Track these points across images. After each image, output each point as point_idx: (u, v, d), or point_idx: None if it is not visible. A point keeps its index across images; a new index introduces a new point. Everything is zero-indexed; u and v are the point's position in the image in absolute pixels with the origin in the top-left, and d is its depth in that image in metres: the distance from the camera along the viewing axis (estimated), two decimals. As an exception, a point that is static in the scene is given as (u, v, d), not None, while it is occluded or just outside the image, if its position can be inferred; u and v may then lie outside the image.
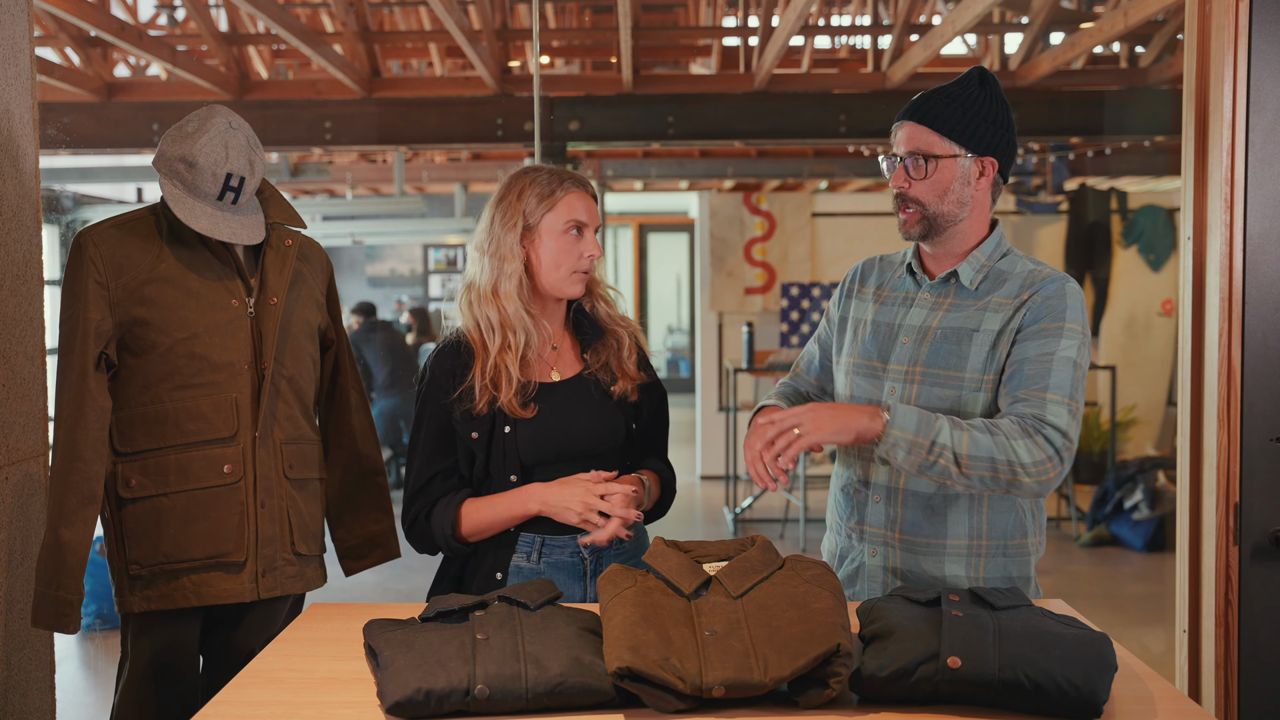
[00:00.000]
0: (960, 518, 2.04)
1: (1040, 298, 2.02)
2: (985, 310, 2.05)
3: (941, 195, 2.04)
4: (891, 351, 2.10)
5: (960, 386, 2.03)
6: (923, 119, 2.05)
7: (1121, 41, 6.70)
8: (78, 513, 2.19)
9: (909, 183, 2.05)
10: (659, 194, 12.86)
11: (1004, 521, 2.05)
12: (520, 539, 2.15)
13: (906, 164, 2.05)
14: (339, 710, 1.57)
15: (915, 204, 2.06)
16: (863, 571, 2.11)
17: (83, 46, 6.29)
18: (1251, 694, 2.44)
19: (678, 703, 1.51)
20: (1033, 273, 2.07)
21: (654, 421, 2.30)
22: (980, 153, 2.05)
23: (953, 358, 2.04)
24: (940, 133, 2.04)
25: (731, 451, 7.80)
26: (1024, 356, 1.99)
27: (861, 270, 2.26)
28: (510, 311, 2.14)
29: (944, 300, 2.10)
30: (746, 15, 6.74)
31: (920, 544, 2.05)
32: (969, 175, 2.06)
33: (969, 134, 2.04)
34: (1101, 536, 6.89)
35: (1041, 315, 2.00)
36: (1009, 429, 1.90)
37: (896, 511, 2.06)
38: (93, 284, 2.23)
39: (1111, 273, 8.99)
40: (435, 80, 7.48)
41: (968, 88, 2.06)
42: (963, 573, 2.04)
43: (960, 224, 2.07)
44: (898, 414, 1.89)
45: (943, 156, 2.03)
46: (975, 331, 2.04)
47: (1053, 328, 1.99)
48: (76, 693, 4.55)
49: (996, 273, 2.09)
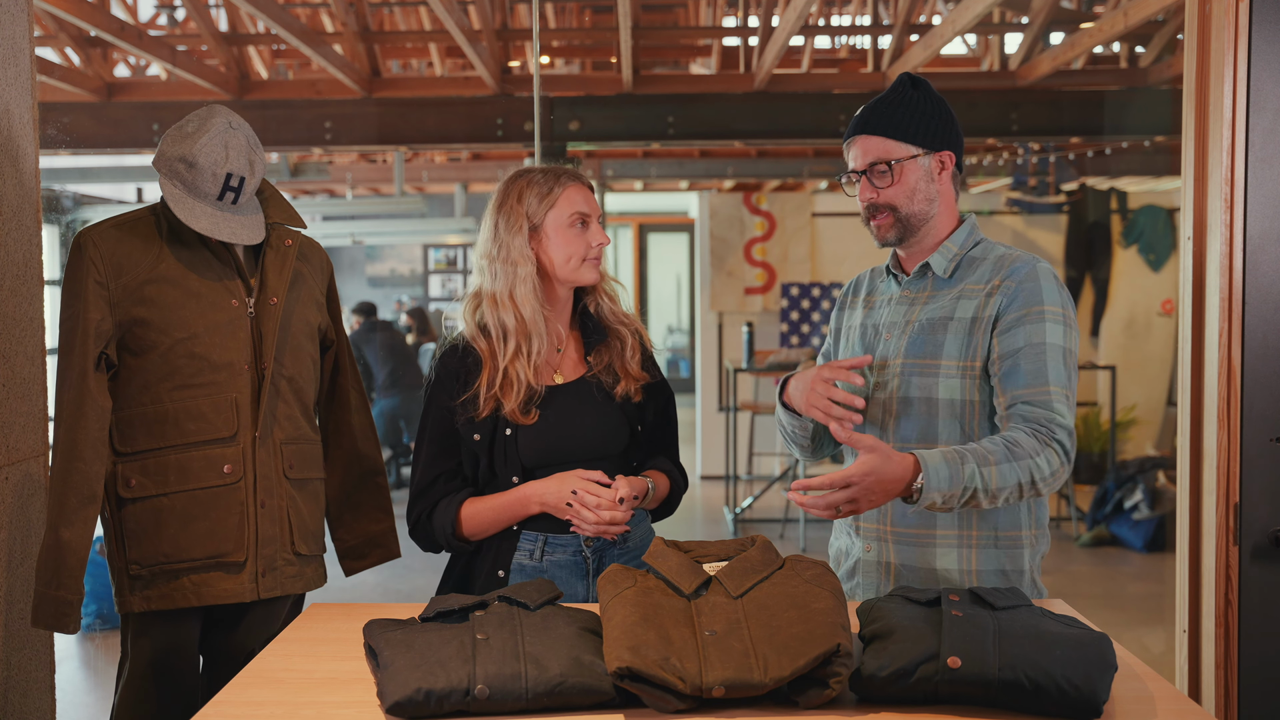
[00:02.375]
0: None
1: (1013, 282, 2.03)
2: (960, 298, 2.08)
3: (911, 196, 2.08)
4: (876, 350, 2.14)
5: (936, 374, 2.05)
6: (874, 129, 2.09)
7: (1121, 41, 6.70)
8: (78, 513, 2.19)
9: (877, 192, 2.09)
10: (659, 194, 12.87)
11: (994, 512, 2.06)
12: (523, 537, 2.16)
13: (869, 176, 2.09)
14: (339, 710, 1.57)
15: (887, 209, 2.09)
16: (859, 567, 2.14)
17: (83, 46, 6.29)
18: (1251, 694, 2.44)
19: (678, 703, 1.51)
20: (1003, 257, 2.10)
21: (660, 422, 2.30)
22: (936, 148, 2.10)
23: (929, 346, 2.07)
24: (895, 138, 2.08)
25: (731, 451, 7.80)
26: (1014, 348, 1.99)
27: (855, 283, 2.32)
28: (528, 315, 2.15)
29: (922, 294, 2.14)
30: (746, 15, 6.74)
31: (911, 536, 2.07)
32: (931, 172, 2.10)
33: (921, 133, 2.08)
34: (1101, 536, 6.89)
35: (1017, 300, 2.02)
36: (1029, 445, 1.91)
37: (887, 505, 2.07)
38: (93, 284, 2.23)
39: (1111, 273, 8.99)
40: (435, 80, 7.48)
41: (903, 92, 2.11)
42: (954, 565, 2.05)
43: (931, 221, 2.11)
44: (930, 474, 1.86)
45: (904, 159, 2.07)
46: (950, 320, 2.07)
47: (1034, 313, 2.00)
48: (76, 693, 4.55)
49: (969, 260, 2.12)
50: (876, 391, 2.11)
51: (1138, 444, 8.81)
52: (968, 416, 2.05)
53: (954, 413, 2.05)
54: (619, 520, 2.07)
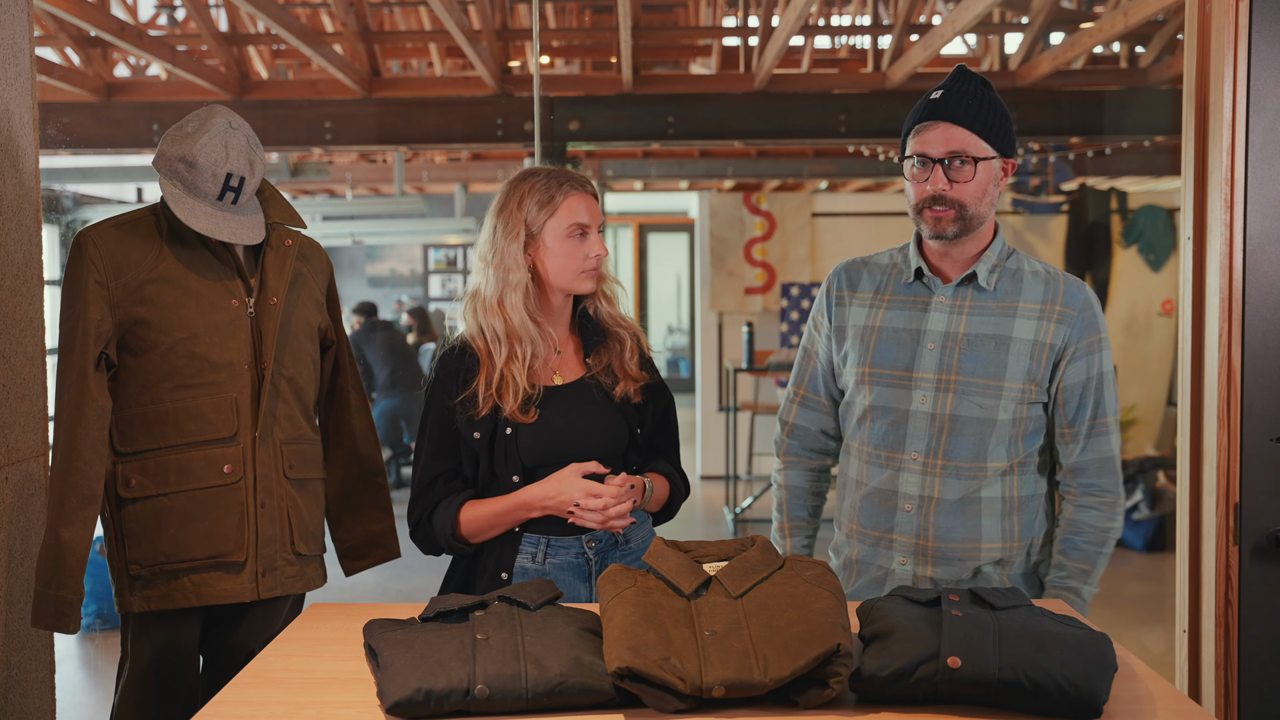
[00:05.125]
0: (994, 522, 2.06)
1: (1074, 310, 2.07)
2: (1015, 316, 2.06)
3: (980, 196, 2.04)
4: (917, 359, 2.08)
5: (999, 395, 2.04)
6: (961, 120, 2.02)
7: (1121, 41, 6.70)
8: (78, 513, 2.19)
9: (950, 184, 2.02)
10: (659, 194, 12.86)
11: (1032, 521, 2.08)
12: (524, 539, 2.16)
13: (945, 166, 2.02)
14: (339, 710, 1.57)
15: (954, 205, 2.03)
16: (890, 579, 2.11)
17: (83, 46, 6.29)
18: (1251, 694, 2.44)
19: (678, 703, 1.51)
20: (1049, 276, 2.10)
21: (660, 424, 2.30)
22: (1007, 154, 2.07)
23: (992, 366, 2.04)
24: (979, 134, 2.03)
25: (731, 451, 7.80)
26: (1076, 381, 2.07)
27: (846, 275, 2.22)
28: (516, 322, 2.14)
29: (963, 303, 2.09)
30: (746, 15, 6.74)
31: (955, 550, 2.06)
32: (998, 177, 2.07)
33: (999, 135, 2.05)
34: (1101, 536, 6.89)
35: (1084, 333, 2.07)
36: (1104, 522, 2.10)
37: (928, 519, 2.06)
38: (93, 284, 2.23)
39: (1111, 273, 8.99)
40: (435, 80, 7.48)
41: (979, 89, 2.05)
42: (994, 572, 2.07)
43: (984, 225, 2.09)
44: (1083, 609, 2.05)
45: (982, 159, 2.03)
46: (1011, 339, 2.05)
47: (1093, 342, 2.09)
48: (76, 693, 4.55)
49: (1007, 272, 2.11)
50: (921, 405, 2.07)
51: (1138, 444, 8.81)
52: (1015, 435, 2.07)
53: (1007, 433, 2.05)
54: (624, 513, 2.08)
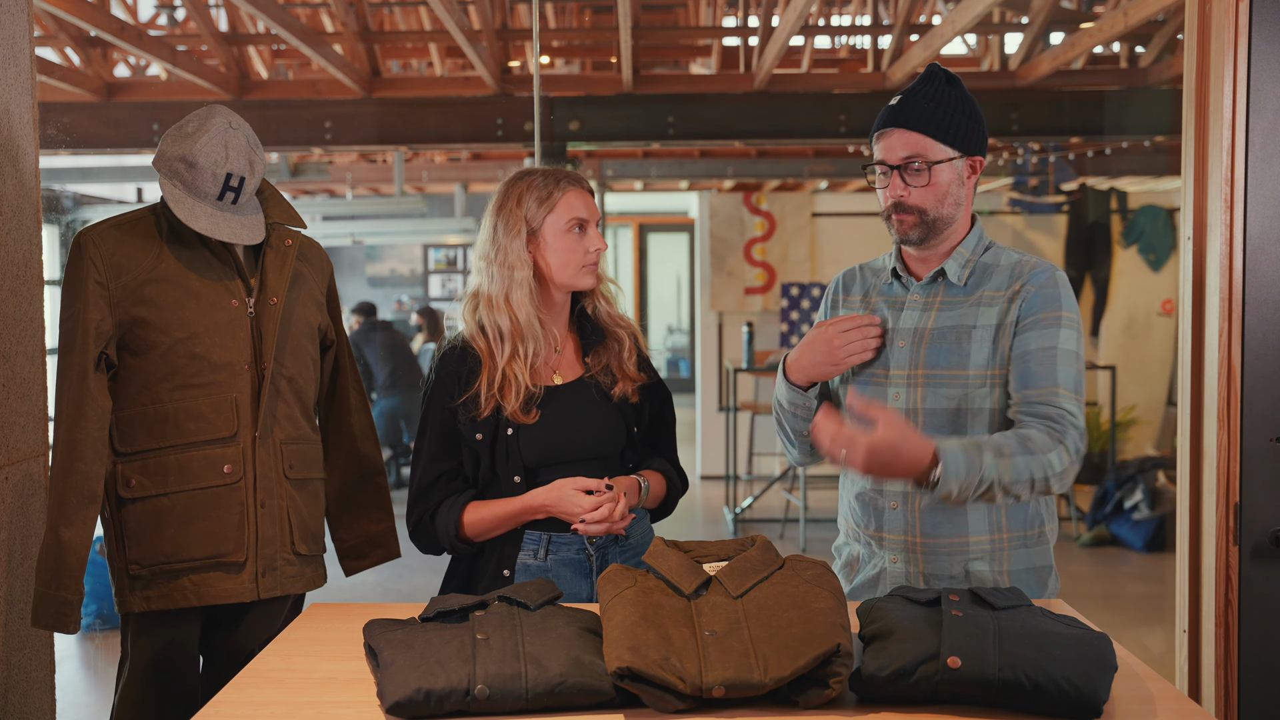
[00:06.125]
0: (980, 515, 2.04)
1: (1034, 287, 2.02)
2: (979, 305, 2.05)
3: (941, 200, 2.03)
4: (890, 357, 2.09)
5: (965, 385, 2.03)
6: (913, 125, 2.01)
7: (1121, 41, 6.70)
8: (78, 513, 2.19)
9: (908, 190, 2.02)
10: (659, 194, 12.86)
11: (1022, 513, 2.06)
12: (526, 536, 2.16)
13: (902, 172, 2.03)
14: (339, 710, 1.57)
15: (915, 210, 2.03)
16: (884, 577, 2.11)
17: (83, 46, 6.29)
18: (1251, 694, 2.44)
19: (678, 703, 1.51)
20: (1019, 263, 2.08)
21: (657, 423, 2.31)
22: (970, 152, 2.05)
23: (954, 356, 2.04)
24: (934, 136, 2.01)
25: (731, 451, 7.80)
26: (1027, 350, 1.99)
27: (844, 281, 2.25)
28: (522, 319, 2.15)
29: (934, 299, 2.10)
30: (746, 15, 6.74)
31: (944, 545, 2.05)
32: (962, 176, 2.05)
33: (959, 134, 2.03)
34: (1101, 536, 6.89)
35: (1037, 306, 2.01)
36: (1042, 442, 1.91)
37: (915, 516, 2.06)
38: (93, 284, 2.23)
39: (1111, 273, 8.99)
40: (435, 80, 7.48)
41: (940, 88, 2.04)
42: (986, 568, 2.05)
43: (954, 225, 2.07)
44: (948, 462, 1.85)
45: (940, 161, 2.02)
46: (973, 328, 2.04)
47: (1050, 317, 2.00)
48: (76, 693, 4.55)
49: (982, 266, 2.09)
50: (895, 402, 2.08)
51: (1138, 444, 8.81)
52: (995, 424, 2.04)
53: (985, 422, 2.03)
54: (623, 513, 2.09)
